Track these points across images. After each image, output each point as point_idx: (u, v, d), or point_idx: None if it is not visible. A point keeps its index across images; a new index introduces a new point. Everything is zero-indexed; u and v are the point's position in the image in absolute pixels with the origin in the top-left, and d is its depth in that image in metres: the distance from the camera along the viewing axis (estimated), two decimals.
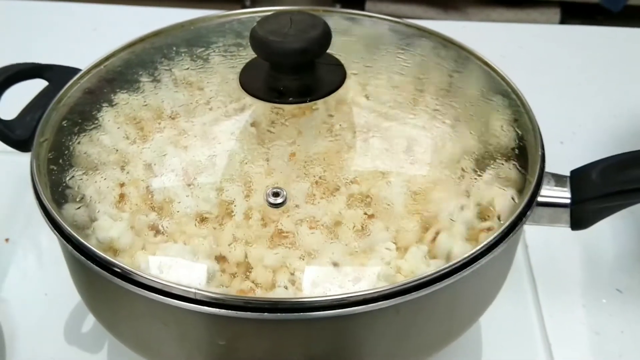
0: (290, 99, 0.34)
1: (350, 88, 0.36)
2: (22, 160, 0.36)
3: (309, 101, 0.34)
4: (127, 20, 0.65)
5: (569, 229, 0.36)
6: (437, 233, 0.32)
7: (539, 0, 1.47)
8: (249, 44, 0.35)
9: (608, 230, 0.48)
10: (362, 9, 1.32)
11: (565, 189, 0.35)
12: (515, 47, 0.65)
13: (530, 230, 0.47)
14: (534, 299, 0.44)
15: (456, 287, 0.31)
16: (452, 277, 0.30)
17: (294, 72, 0.34)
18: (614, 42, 0.66)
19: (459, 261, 0.30)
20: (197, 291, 0.29)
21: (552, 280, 0.45)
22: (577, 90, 0.61)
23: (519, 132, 0.37)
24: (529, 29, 0.73)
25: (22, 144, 0.38)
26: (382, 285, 0.29)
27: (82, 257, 0.31)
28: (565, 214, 0.35)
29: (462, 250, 0.31)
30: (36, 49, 0.49)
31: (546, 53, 0.65)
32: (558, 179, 0.36)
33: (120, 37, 0.42)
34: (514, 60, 0.56)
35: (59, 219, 0.32)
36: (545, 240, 0.47)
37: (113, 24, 0.65)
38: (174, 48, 0.40)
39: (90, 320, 0.43)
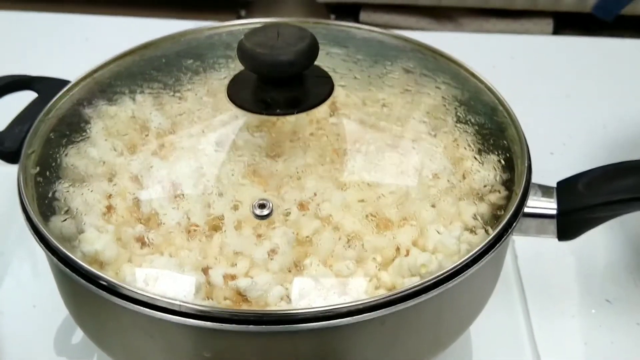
0: (278, 110, 0.34)
1: (337, 100, 0.36)
2: (14, 172, 0.36)
3: (297, 113, 0.34)
4: (119, 31, 0.65)
5: (556, 239, 0.36)
6: (422, 245, 0.32)
7: (531, 10, 1.48)
8: (236, 55, 0.35)
9: (598, 240, 0.48)
10: (357, 18, 1.32)
11: (551, 200, 0.36)
12: (506, 57, 0.65)
13: (519, 241, 0.47)
14: (523, 310, 0.44)
15: (442, 299, 0.31)
16: (437, 288, 0.30)
17: (282, 84, 0.34)
18: (605, 53, 0.66)
19: (445, 272, 0.30)
20: (182, 303, 0.29)
21: (541, 291, 0.45)
22: (568, 101, 0.61)
23: (506, 143, 0.37)
24: (521, 39, 0.73)
25: (10, 156, 0.38)
26: (368, 297, 0.29)
27: (68, 270, 0.31)
28: (552, 225, 0.36)
29: (446, 263, 0.31)
30: (28, 59, 0.49)
31: (537, 64, 0.65)
32: (545, 190, 0.36)
33: (112, 47, 0.42)
34: (505, 71, 0.56)
35: (45, 232, 0.32)
36: (535, 251, 0.47)
37: (105, 34, 0.66)
38: (163, 60, 0.41)
39: (80, 332, 0.43)
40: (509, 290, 0.45)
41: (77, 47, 0.64)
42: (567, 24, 1.45)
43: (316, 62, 0.36)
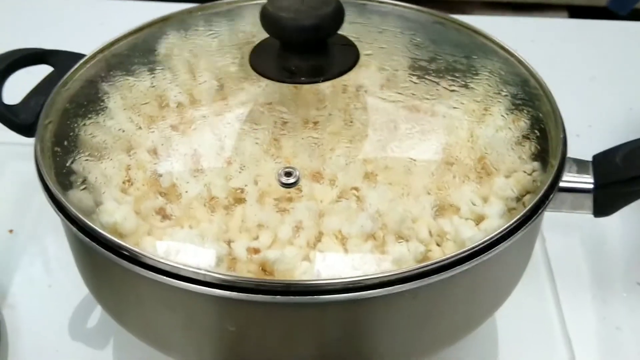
0: (302, 78, 0.33)
1: (364, 68, 0.35)
2: (27, 150, 0.35)
3: (322, 81, 0.33)
4: (134, 15, 0.64)
5: (592, 215, 0.35)
6: (458, 216, 0.31)
7: (545, 3, 1.47)
8: (258, 27, 0.34)
9: (627, 223, 0.46)
10: None
11: (587, 175, 0.34)
12: (527, 40, 0.64)
13: (548, 224, 0.46)
14: (552, 294, 0.43)
15: (475, 273, 0.30)
16: (471, 261, 0.29)
17: (306, 51, 0.33)
18: (627, 36, 0.65)
19: (479, 244, 0.29)
20: (207, 273, 0.27)
21: (570, 275, 0.44)
22: (593, 83, 0.59)
23: (540, 115, 0.35)
24: (541, 22, 0.72)
25: (26, 129, 0.37)
26: (399, 268, 0.28)
27: (87, 239, 0.29)
28: (588, 200, 0.34)
29: (479, 236, 0.30)
30: (43, 42, 0.49)
31: (559, 47, 0.64)
32: (580, 164, 0.35)
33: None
34: (527, 55, 0.55)
35: (64, 201, 0.31)
36: (564, 235, 0.46)
37: (120, 18, 0.64)
38: (182, 32, 0.39)
39: (95, 316, 0.42)
40: (537, 275, 0.44)
41: (93, 30, 0.63)
42: (581, 16, 1.43)
43: (340, 32, 0.35)
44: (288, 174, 0.31)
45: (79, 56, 0.39)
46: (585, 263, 0.45)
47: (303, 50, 0.33)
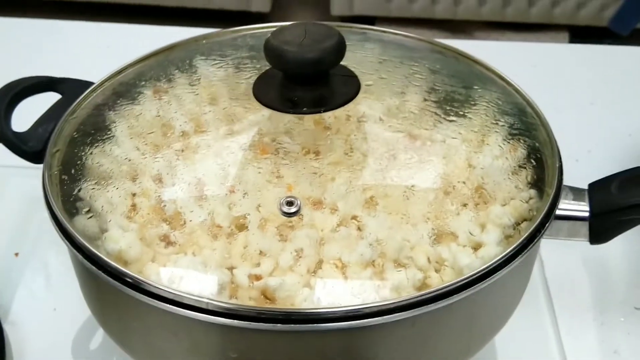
0: (305, 109, 0.34)
1: (364, 99, 0.35)
2: (34, 175, 0.36)
3: (324, 111, 0.34)
4: (140, 38, 0.65)
5: (588, 242, 0.36)
6: (456, 243, 0.32)
7: (547, 24, 1.48)
8: (262, 56, 0.35)
9: (624, 248, 0.47)
10: None
11: (583, 202, 0.35)
12: (528, 65, 0.65)
13: (546, 249, 0.46)
14: (550, 317, 0.43)
15: (473, 300, 0.31)
16: (469, 289, 0.29)
17: (308, 82, 0.34)
18: (628, 61, 0.65)
19: (477, 272, 0.30)
20: (209, 301, 0.28)
21: (568, 299, 0.45)
22: (592, 108, 0.60)
23: (536, 144, 0.36)
24: (542, 47, 0.73)
25: (34, 156, 0.38)
26: (398, 297, 0.29)
27: (93, 267, 0.30)
28: (584, 228, 0.35)
29: (477, 263, 0.31)
30: (51, 65, 0.50)
31: (559, 72, 0.64)
32: (576, 192, 0.35)
33: (133, 54, 0.42)
34: (528, 79, 0.56)
35: (70, 229, 0.31)
36: (562, 258, 0.46)
37: (127, 41, 0.66)
38: (187, 61, 0.40)
39: (98, 337, 0.43)
40: (535, 299, 0.44)
41: (100, 53, 0.64)
42: (582, 37, 1.44)
43: (342, 62, 0.36)
44: (290, 204, 0.32)
45: (87, 84, 0.40)
46: (583, 287, 0.45)
47: (305, 82, 0.34)
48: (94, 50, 0.66)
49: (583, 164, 0.54)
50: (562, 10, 1.46)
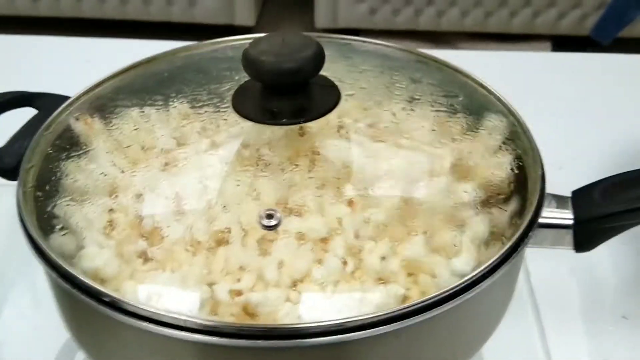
0: (284, 120, 0.33)
1: (345, 109, 0.35)
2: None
3: (304, 122, 0.34)
4: (120, 53, 0.64)
5: (573, 251, 0.35)
6: (439, 254, 0.31)
7: (529, 34, 1.49)
8: (241, 67, 0.34)
9: (611, 256, 0.46)
10: None
11: (567, 210, 0.35)
12: (509, 74, 0.65)
13: (532, 258, 0.46)
14: (538, 328, 0.43)
15: (457, 312, 0.30)
16: (452, 300, 0.29)
17: (287, 92, 0.34)
18: (609, 69, 0.66)
19: (460, 284, 0.29)
20: (187, 318, 0.27)
21: (556, 308, 0.44)
22: (577, 116, 0.60)
23: (518, 152, 0.36)
24: (524, 56, 0.73)
25: (10, 173, 0.37)
26: (381, 310, 0.28)
27: (68, 287, 0.29)
28: (568, 235, 0.34)
29: (461, 273, 0.30)
30: (29, 81, 0.49)
31: (542, 80, 0.64)
32: (559, 200, 0.35)
33: (113, 68, 0.41)
34: (510, 88, 0.56)
35: (44, 247, 0.31)
36: (548, 268, 0.46)
37: (106, 56, 0.65)
38: (166, 74, 0.40)
39: (80, 358, 0.42)
40: (522, 309, 0.44)
41: (78, 68, 0.64)
42: (564, 46, 1.46)
43: (322, 72, 0.35)
44: (269, 217, 0.31)
45: (64, 98, 0.40)
46: (570, 297, 0.45)
47: (284, 92, 0.34)
48: (73, 65, 0.65)
49: (567, 171, 0.54)
50: (543, 21, 1.48)
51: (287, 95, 0.34)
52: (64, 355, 0.42)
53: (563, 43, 1.46)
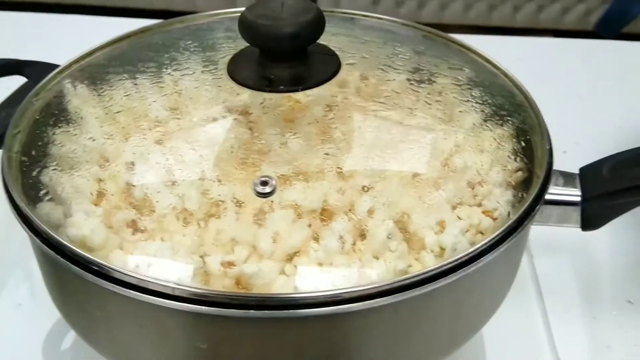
0: (282, 87, 0.32)
1: (345, 78, 0.34)
2: None
3: (302, 90, 0.32)
4: (114, 32, 0.63)
5: (579, 229, 0.34)
6: (442, 230, 0.30)
7: (533, 28, 1.48)
8: (238, 36, 0.33)
9: (616, 239, 0.45)
10: None
11: (574, 188, 0.33)
12: (513, 59, 0.63)
13: (535, 241, 0.45)
14: (541, 312, 0.42)
15: (459, 287, 0.29)
16: (454, 273, 0.28)
17: (286, 59, 0.32)
18: (614, 55, 0.65)
19: (462, 256, 0.28)
20: (176, 286, 0.26)
21: (559, 293, 0.43)
22: (580, 101, 0.59)
23: (525, 127, 0.35)
24: (528, 41, 0.72)
25: None
26: (379, 281, 0.27)
27: (53, 253, 0.28)
28: (576, 213, 0.33)
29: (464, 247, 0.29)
30: (21, 57, 0.48)
31: (546, 65, 0.63)
32: (567, 177, 0.34)
33: None
34: (514, 73, 0.55)
35: (29, 213, 0.29)
36: (551, 252, 0.45)
37: (100, 35, 0.64)
38: (160, 42, 0.38)
39: (70, 337, 0.40)
40: (524, 292, 0.43)
41: (72, 47, 0.62)
42: None
43: (323, 42, 0.34)
44: (264, 183, 0.30)
45: (55, 67, 0.38)
46: (574, 281, 0.44)
47: (282, 59, 0.32)
48: (66, 42, 0.63)
49: (571, 156, 0.52)
50: (547, 15, 1.46)
51: (285, 62, 0.32)
52: (53, 336, 0.40)
53: (567, 38, 1.45)
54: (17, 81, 0.39)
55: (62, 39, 0.64)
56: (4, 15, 0.67)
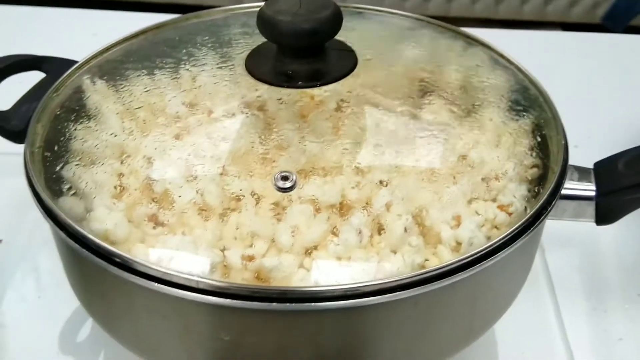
0: (300, 83, 0.33)
1: (362, 74, 0.34)
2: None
3: (319, 85, 0.33)
4: (127, 26, 0.64)
5: (594, 223, 0.34)
6: (458, 224, 0.30)
7: (540, 21, 1.48)
8: (256, 32, 0.33)
9: (627, 234, 0.46)
10: None
11: (589, 182, 0.34)
12: (524, 53, 0.63)
13: (548, 235, 0.45)
14: (553, 305, 0.42)
15: (476, 281, 0.29)
16: (472, 267, 0.28)
17: (304, 55, 0.33)
18: (624, 49, 0.65)
19: (480, 251, 0.28)
20: (199, 279, 0.26)
21: (571, 286, 0.43)
22: (591, 95, 0.59)
23: (540, 123, 0.35)
24: (538, 35, 0.72)
25: (17, 135, 0.36)
26: (398, 275, 0.27)
27: (77, 246, 0.29)
28: (590, 207, 0.34)
29: (481, 242, 0.29)
30: (36, 52, 0.48)
31: (557, 59, 0.63)
32: (582, 172, 0.34)
33: None
34: (525, 66, 0.55)
35: (53, 207, 0.30)
36: (563, 246, 0.45)
37: (114, 29, 0.64)
38: (177, 38, 0.39)
39: (85, 330, 0.41)
40: (537, 286, 0.43)
41: (86, 42, 0.63)
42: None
43: (340, 38, 0.34)
44: (285, 178, 0.30)
45: (72, 63, 0.39)
46: (585, 274, 0.44)
47: (300, 55, 0.33)
48: (81, 37, 0.64)
49: (583, 150, 0.53)
50: (554, 8, 1.46)
51: (303, 58, 0.33)
52: (70, 328, 0.41)
53: (574, 31, 1.44)
54: (29, 75, 0.39)
55: (75, 33, 0.65)
56: (16, 10, 0.68)
